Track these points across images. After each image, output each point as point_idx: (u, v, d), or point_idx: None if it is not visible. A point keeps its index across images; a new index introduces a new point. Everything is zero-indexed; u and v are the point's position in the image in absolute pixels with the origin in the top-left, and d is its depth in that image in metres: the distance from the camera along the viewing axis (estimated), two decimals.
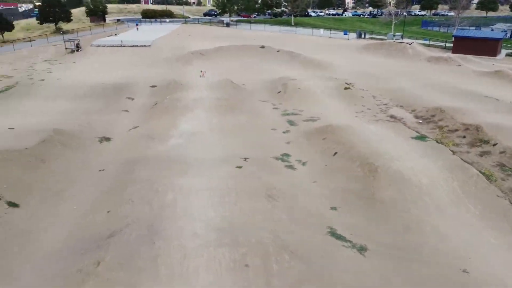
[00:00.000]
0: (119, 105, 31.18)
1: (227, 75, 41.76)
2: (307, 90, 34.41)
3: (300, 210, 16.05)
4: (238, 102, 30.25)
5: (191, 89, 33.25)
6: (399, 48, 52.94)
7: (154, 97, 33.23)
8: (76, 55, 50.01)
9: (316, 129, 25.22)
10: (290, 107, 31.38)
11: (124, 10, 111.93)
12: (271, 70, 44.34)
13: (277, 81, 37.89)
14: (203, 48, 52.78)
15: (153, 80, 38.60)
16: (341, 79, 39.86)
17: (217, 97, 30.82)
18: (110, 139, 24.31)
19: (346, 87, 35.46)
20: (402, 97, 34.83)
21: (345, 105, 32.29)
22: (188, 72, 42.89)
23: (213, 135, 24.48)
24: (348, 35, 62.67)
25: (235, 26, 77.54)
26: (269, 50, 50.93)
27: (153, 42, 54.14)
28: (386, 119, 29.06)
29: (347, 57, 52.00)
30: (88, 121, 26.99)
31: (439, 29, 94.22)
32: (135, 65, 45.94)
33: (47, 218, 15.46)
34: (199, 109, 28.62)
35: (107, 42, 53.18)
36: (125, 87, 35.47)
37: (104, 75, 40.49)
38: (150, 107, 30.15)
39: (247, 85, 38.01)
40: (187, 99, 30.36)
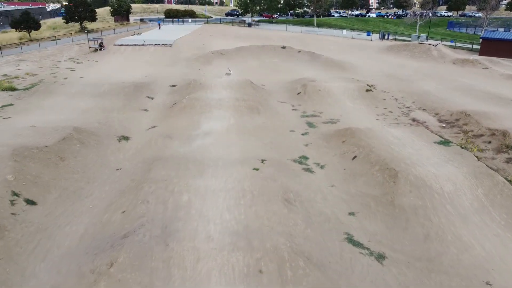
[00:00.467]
0: (139, 104, 31.37)
1: (247, 75, 41.66)
2: (327, 92, 33.92)
3: (317, 215, 15.70)
4: (257, 103, 30.02)
5: (210, 89, 33.20)
6: (423, 50, 51.74)
7: (173, 96, 33.34)
8: (99, 53, 50.74)
9: (336, 132, 24.76)
10: (309, 109, 30.99)
11: (148, 9, 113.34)
12: (291, 71, 44.00)
13: (297, 82, 37.51)
14: (224, 48, 52.80)
15: (173, 80, 38.77)
16: (362, 80, 39.20)
17: (236, 97, 30.67)
18: (128, 138, 24.43)
19: (367, 89, 34.80)
20: (425, 100, 33.98)
21: (366, 107, 31.67)
22: (208, 71, 42.94)
23: (231, 135, 24.31)
24: (371, 36, 61.63)
25: (256, 26, 77.37)
26: (290, 50, 50.54)
27: (174, 42, 54.47)
28: (408, 123, 28.34)
29: (369, 58, 51.15)
30: (108, 120, 27.23)
31: (465, 31, 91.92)
32: (156, 64, 46.27)
33: (64, 216, 15.56)
34: (217, 109, 28.53)
35: (129, 41, 53.80)
36: (146, 86, 35.68)
37: (126, 74, 40.90)
38: (169, 107, 30.23)
39: (267, 85, 37.78)
40: (206, 99, 30.31)
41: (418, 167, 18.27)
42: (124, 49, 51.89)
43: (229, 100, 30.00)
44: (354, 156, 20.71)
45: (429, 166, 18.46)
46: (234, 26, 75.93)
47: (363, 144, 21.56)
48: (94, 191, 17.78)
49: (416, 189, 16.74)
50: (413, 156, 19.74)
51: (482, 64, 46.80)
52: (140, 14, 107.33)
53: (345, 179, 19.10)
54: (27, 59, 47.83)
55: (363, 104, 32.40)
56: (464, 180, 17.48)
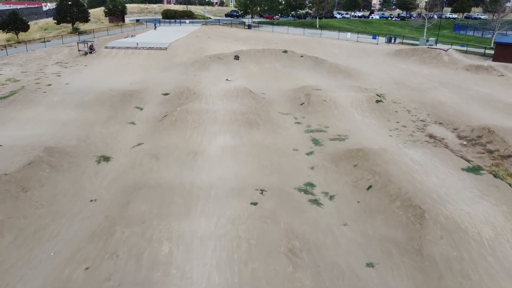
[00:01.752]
0: (126, 115, 28.38)
1: (246, 82, 38.72)
2: (334, 103, 30.95)
3: (329, 268, 12.72)
4: (256, 116, 27.04)
5: (204, 99, 30.22)
6: (433, 55, 48.76)
7: (165, 106, 30.36)
8: (89, 57, 47.72)
9: (345, 152, 21.78)
10: (314, 122, 28.02)
11: (145, 10, 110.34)
12: (293, 78, 41.04)
13: (300, 91, 34.55)
14: (222, 51, 49.79)
15: (166, 87, 35.79)
16: (371, 89, 36.25)
17: (233, 110, 27.68)
18: (109, 158, 21.43)
19: (377, 99, 31.82)
20: (441, 112, 31.03)
21: (376, 121, 28.70)
22: (204, 77, 39.96)
23: (226, 156, 21.34)
24: (377, 40, 58.67)
25: (256, 28, 74.41)
26: (291, 55, 47.54)
27: (169, 45, 51.47)
28: (425, 140, 25.38)
29: (376, 64, 48.17)
30: (89, 135, 24.25)
31: (473, 34, 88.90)
32: (148, 69, 43.29)
33: (16, 268, 12.58)
34: (212, 123, 25.54)
35: (122, 44, 50.79)
36: (135, 95, 32.70)
37: (115, 80, 37.93)
38: (159, 120, 27.24)
39: (267, 94, 34.82)
40: (199, 111, 27.32)
41: (448, 204, 15.28)
42: (116, 53, 48.88)
43: (225, 113, 27.01)
44: (369, 186, 17.73)
45: (461, 203, 15.46)
46: (233, 28, 72.96)
47: (378, 170, 18.58)
48: (60, 230, 14.79)
49: (449, 235, 13.76)
50: (439, 188, 16.75)
51: (497, 71, 43.85)
52: (137, 14, 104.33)
53: (360, 215, 16.13)
54: (11, 62, 44.82)
55: (373, 117, 29.43)
56: (506, 222, 14.49)
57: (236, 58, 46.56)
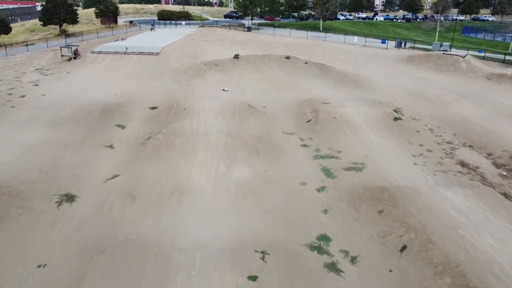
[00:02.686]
0: (104, 136, 24.27)
1: (245, 92, 34.65)
2: (345, 120, 26.85)
3: None
4: (256, 139, 22.92)
5: (196, 117, 26.11)
6: (449, 62, 44.63)
7: (150, 124, 26.26)
8: (73, 63, 43.57)
9: (366, 191, 17.67)
10: (324, 145, 23.92)
11: (141, 10, 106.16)
12: (297, 87, 36.94)
13: (306, 104, 30.47)
14: (219, 56, 45.70)
15: (154, 99, 31.67)
16: (385, 102, 32.15)
17: (228, 131, 23.57)
18: (74, 198, 17.32)
19: (395, 116, 27.72)
20: (468, 131, 26.98)
21: (396, 143, 24.60)
22: (198, 87, 35.84)
23: (218, 197, 17.24)
24: (387, 44, 54.56)
25: (257, 30, 70.26)
26: (295, 61, 43.41)
27: (162, 50, 47.30)
28: (457, 169, 21.32)
29: (387, 71, 44.06)
30: (55, 164, 20.16)
31: (483, 36, 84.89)
32: (137, 77, 39.16)
33: None
34: (203, 150, 21.41)
35: (110, 48, 46.61)
36: (118, 109, 28.60)
37: (98, 91, 33.82)
38: (141, 142, 23.12)
39: (268, 107, 30.72)
40: (189, 132, 23.20)
41: None
42: (103, 58, 44.72)
43: (219, 135, 22.89)
44: (403, 246, 13.61)
45: None
46: (232, 30, 68.81)
47: (413, 223, 14.45)
48: None
49: None
50: (500, 255, 12.63)
51: None
52: (133, 15, 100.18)
53: None
54: None
55: (392, 138, 25.33)
56: None
57: (236, 57, 42.92)
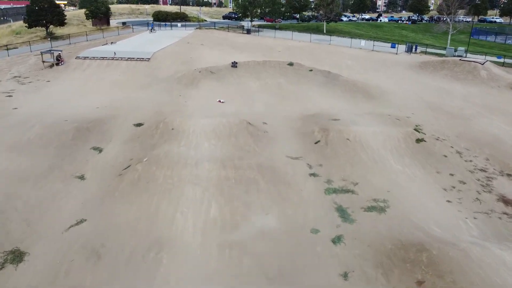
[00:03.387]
0: (75, 163, 20.46)
1: (243, 103, 30.88)
2: (360, 143, 23.02)
3: None
4: (255, 170, 19.07)
5: (186, 139, 22.26)
6: (467, 69, 40.82)
7: (133, 147, 22.46)
8: (55, 70, 39.72)
9: (396, 249, 13.83)
10: (336, 174, 20.12)
11: (137, 11, 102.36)
12: (302, 98, 33.17)
13: (313, 120, 26.73)
14: (216, 63, 41.94)
15: (140, 113, 27.90)
16: (402, 117, 28.37)
17: (222, 159, 19.72)
18: (23, 256, 13.51)
19: (418, 138, 23.89)
20: (502, 155, 23.21)
21: (423, 173, 20.77)
22: (191, 98, 32.05)
23: (206, 259, 13.42)
24: (397, 48, 50.72)
25: (257, 33, 66.43)
26: (298, 68, 39.62)
27: (153, 55, 43.44)
28: (502, 210, 17.55)
29: (399, 79, 40.24)
30: (7, 204, 16.34)
31: (494, 39, 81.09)
32: (125, 86, 35.36)
33: None
34: (191, 186, 17.57)
35: (97, 53, 42.73)
36: (97, 127, 24.81)
37: (79, 103, 30.06)
38: (118, 173, 19.28)
39: (270, 123, 26.96)
40: (175, 162, 19.36)
41: None
42: (88, 64, 40.87)
43: (211, 166, 19.03)
44: None
45: None
46: (231, 33, 65.01)
47: None
48: None
49: None
50: None
51: None
52: (128, 16, 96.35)
53: None
54: None
55: (417, 165, 21.50)
56: None
57: (234, 65, 38.90)
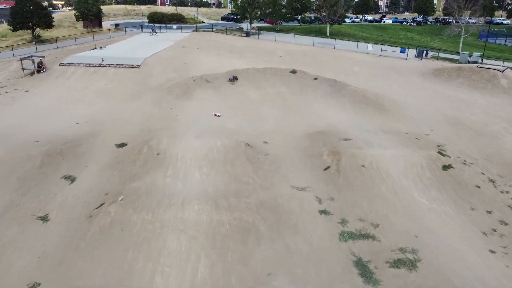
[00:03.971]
0: (39, 198, 17.09)
1: (242, 118, 27.54)
2: (378, 170, 19.65)
3: None
4: (255, 210, 15.69)
5: (173, 166, 18.87)
6: (486, 77, 37.45)
7: (111, 175, 19.10)
8: (36, 78, 36.30)
9: None
10: (351, 212, 16.79)
11: (132, 12, 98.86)
12: (307, 111, 29.82)
13: (320, 139, 23.38)
14: (212, 70, 38.60)
15: (125, 130, 24.53)
16: (419, 134, 25.02)
17: (215, 196, 16.33)
18: None
19: (444, 164, 20.50)
20: None
21: (455, 210, 17.40)
22: (184, 111, 28.68)
23: None
24: (407, 53, 47.32)
25: (256, 35, 63.05)
26: (302, 76, 36.24)
27: (144, 61, 40.00)
28: None
29: (412, 89, 36.83)
30: None
31: (504, 42, 77.76)
32: (110, 97, 31.98)
33: None
34: (174, 237, 14.17)
35: (82, 59, 39.29)
36: (72, 150, 21.43)
37: (57, 118, 26.76)
38: (89, 214, 15.89)
39: (271, 141, 23.64)
40: (157, 201, 15.96)
41: None
42: (73, 72, 37.44)
43: (202, 207, 15.62)
44: None
45: None
46: (229, 36, 61.58)
47: None
48: None
49: None
50: None
51: None
52: (122, 17, 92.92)
53: None
54: None
55: (446, 199, 18.13)
56: None
57: (233, 80, 35.27)
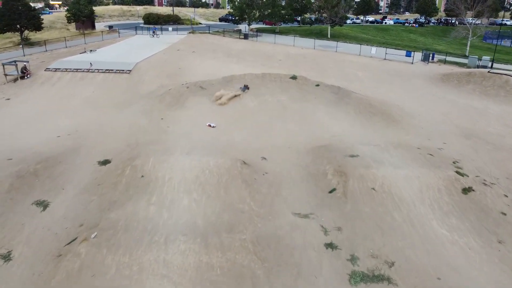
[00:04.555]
0: (3, 232, 14.87)
1: (238, 129, 25.38)
2: (390, 194, 17.45)
3: None
4: (251, 249, 13.46)
5: (159, 191, 16.63)
6: (498, 84, 35.24)
7: (89, 200, 16.88)
8: (20, 85, 34.08)
9: None
10: (362, 247, 14.59)
11: (128, 12, 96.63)
12: (309, 122, 27.62)
13: (324, 155, 21.19)
14: (208, 75, 36.47)
15: (110, 145, 22.34)
16: (434, 150, 22.81)
17: (204, 234, 14.08)
18: None
19: (464, 187, 18.29)
20: None
21: (480, 244, 15.19)
22: (176, 122, 26.51)
23: None
24: (413, 57, 45.14)
25: (255, 37, 60.85)
26: (303, 83, 33.97)
27: (136, 65, 37.79)
28: None
29: (421, 96, 34.61)
30: None
31: (510, 44, 75.64)
32: (97, 106, 29.79)
33: None
34: (154, 283, 11.95)
35: (70, 64, 37.06)
36: (48, 169, 19.24)
37: (36, 130, 24.56)
38: (58, 252, 13.66)
39: (270, 157, 21.48)
40: (137, 239, 13.74)
41: None
42: (59, 78, 35.23)
43: (189, 246, 13.38)
44: None
45: None
46: (226, 38, 59.42)
47: None
48: None
49: None
50: None
51: None
52: (118, 18, 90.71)
53: None
54: None
55: (469, 229, 15.91)
56: None
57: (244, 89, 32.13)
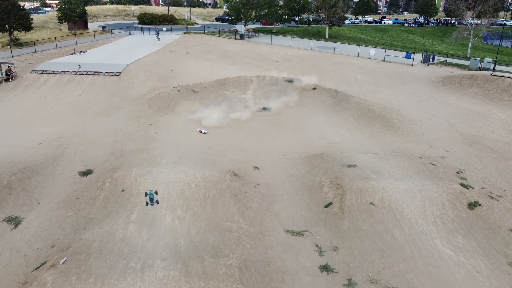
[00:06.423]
0: None
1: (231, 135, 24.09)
2: (390, 210, 16.18)
3: None
4: (236, 275, 12.13)
5: (138, 207, 15.28)
6: (502, 87, 33.94)
7: (65, 216, 15.54)
8: (3, 88, 32.68)
9: None
10: (360, 270, 13.33)
11: (123, 12, 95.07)
12: (304, 128, 26.36)
13: (320, 165, 19.94)
14: (202, 77, 35.20)
15: (93, 153, 21.00)
16: (436, 158, 21.54)
17: (185, 258, 12.75)
18: None
19: (470, 202, 17.01)
20: None
21: (489, 266, 13.92)
22: (165, 128, 25.20)
23: None
24: (413, 59, 43.84)
25: (251, 38, 59.49)
26: (299, 86, 32.72)
27: (126, 68, 36.38)
28: None
29: (422, 100, 33.30)
30: None
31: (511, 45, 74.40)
32: (83, 111, 28.42)
33: None
34: None
35: (58, 66, 35.63)
36: (25, 181, 17.90)
37: (17, 137, 23.18)
38: (24, 279, 12.32)
39: (262, 167, 20.27)
40: (110, 265, 12.39)
41: None
42: (46, 80, 33.82)
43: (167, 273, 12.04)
44: None
45: None
46: (222, 38, 58.05)
47: None
48: None
49: None
50: None
51: None
52: (113, 18, 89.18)
53: None
54: None
55: (477, 250, 14.63)
56: None
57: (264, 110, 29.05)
